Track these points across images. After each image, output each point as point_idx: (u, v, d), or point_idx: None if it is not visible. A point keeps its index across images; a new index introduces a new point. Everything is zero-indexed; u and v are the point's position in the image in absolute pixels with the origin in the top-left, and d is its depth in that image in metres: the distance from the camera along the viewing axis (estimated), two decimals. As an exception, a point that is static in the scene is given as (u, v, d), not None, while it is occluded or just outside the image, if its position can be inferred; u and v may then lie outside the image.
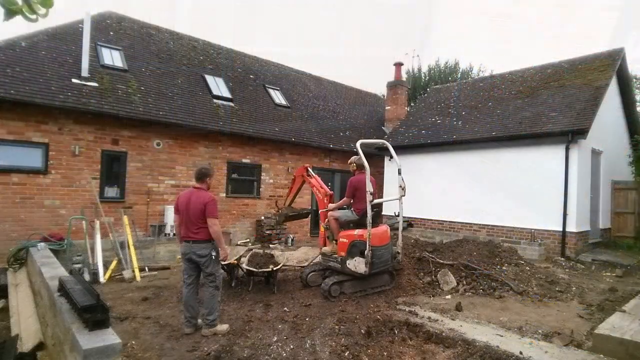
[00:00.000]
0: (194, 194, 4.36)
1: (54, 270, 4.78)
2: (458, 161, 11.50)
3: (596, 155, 10.62)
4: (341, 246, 5.68)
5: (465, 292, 6.07)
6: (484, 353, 3.82)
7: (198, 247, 4.26)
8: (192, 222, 4.26)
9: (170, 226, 9.30)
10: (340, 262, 5.68)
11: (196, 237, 4.26)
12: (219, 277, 4.46)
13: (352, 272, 5.54)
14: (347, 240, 5.62)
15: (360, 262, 5.42)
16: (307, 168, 6.64)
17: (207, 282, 4.35)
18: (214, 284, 4.34)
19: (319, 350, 3.84)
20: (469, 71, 25.40)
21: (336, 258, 5.78)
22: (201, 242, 4.26)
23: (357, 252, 5.49)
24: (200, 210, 4.22)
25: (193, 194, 4.35)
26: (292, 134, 12.40)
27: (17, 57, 8.37)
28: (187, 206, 4.30)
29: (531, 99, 11.34)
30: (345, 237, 5.67)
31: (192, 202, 4.29)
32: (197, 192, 4.36)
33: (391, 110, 17.36)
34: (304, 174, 6.64)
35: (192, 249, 4.27)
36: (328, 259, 5.99)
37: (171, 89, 10.55)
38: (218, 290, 4.40)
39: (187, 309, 4.36)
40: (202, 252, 4.25)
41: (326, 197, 6.28)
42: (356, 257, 5.48)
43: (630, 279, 7.43)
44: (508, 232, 10.26)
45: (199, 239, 4.26)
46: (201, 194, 4.33)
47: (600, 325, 4.21)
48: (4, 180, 7.64)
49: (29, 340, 3.86)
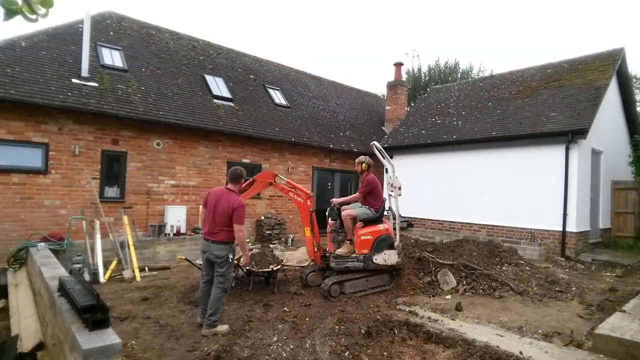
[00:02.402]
0: (225, 194, 4.38)
1: (54, 270, 4.79)
2: (458, 161, 11.51)
3: (596, 155, 10.62)
4: (363, 244, 5.71)
5: (465, 292, 6.08)
6: (484, 353, 3.82)
7: (216, 248, 4.32)
8: (216, 223, 4.31)
9: (170, 226, 9.30)
10: (363, 260, 5.69)
11: (216, 238, 4.31)
12: (229, 279, 4.49)
13: (379, 267, 5.74)
14: (371, 236, 5.73)
15: (392, 254, 5.75)
16: (274, 175, 6.03)
17: (217, 282, 4.38)
18: (222, 286, 4.36)
19: (319, 350, 3.83)
20: (469, 71, 25.41)
21: (357, 257, 5.70)
22: (220, 243, 4.31)
23: (386, 245, 5.74)
24: (227, 214, 4.25)
25: (224, 195, 4.38)
26: (292, 134, 12.41)
27: (17, 57, 8.37)
28: (215, 205, 4.34)
29: (531, 99, 11.34)
30: (368, 234, 5.73)
31: (221, 202, 4.32)
32: (228, 193, 4.40)
33: (391, 110, 17.37)
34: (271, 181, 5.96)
35: (210, 249, 4.34)
36: (344, 261, 5.71)
37: (171, 89, 10.56)
38: (225, 293, 4.44)
39: (202, 302, 4.52)
40: (220, 253, 4.31)
41: (309, 199, 5.94)
42: (385, 251, 5.74)
43: (630, 279, 7.43)
44: (508, 232, 10.26)
45: (218, 240, 4.31)
46: (232, 197, 4.36)
47: (600, 325, 4.22)
48: (4, 180, 7.64)
49: (29, 340, 3.86)
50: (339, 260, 5.74)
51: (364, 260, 5.68)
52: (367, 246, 5.69)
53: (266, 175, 6.10)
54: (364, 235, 5.74)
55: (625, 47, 11.64)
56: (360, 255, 5.70)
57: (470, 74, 25.03)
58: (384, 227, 5.87)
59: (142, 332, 4.30)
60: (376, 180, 6.13)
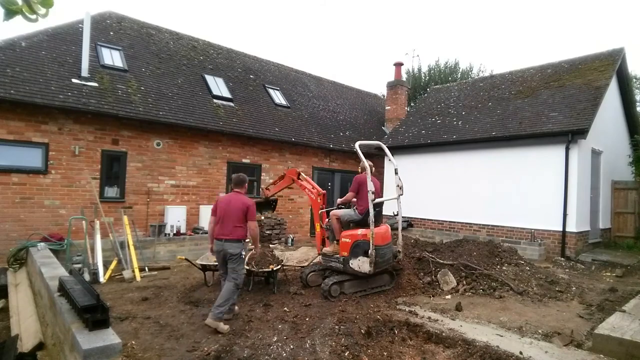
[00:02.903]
0: (235, 196, 4.77)
1: (54, 270, 4.79)
2: (458, 161, 11.51)
3: (596, 155, 10.62)
4: (344, 246, 5.66)
5: (465, 292, 6.07)
6: (484, 353, 3.82)
7: (230, 246, 4.59)
8: (230, 222, 4.61)
9: (170, 226, 9.29)
10: (342, 262, 5.66)
11: (230, 237, 4.60)
12: (241, 275, 4.76)
13: (355, 272, 5.53)
14: (350, 240, 5.61)
15: (365, 262, 5.43)
16: (298, 172, 6.69)
17: (230, 277, 4.63)
18: (234, 281, 4.59)
19: (319, 350, 3.83)
20: (469, 71, 25.39)
21: (338, 258, 5.73)
22: (233, 241, 4.60)
23: (361, 251, 5.50)
24: (242, 211, 4.63)
25: (234, 197, 4.77)
26: (292, 134, 12.41)
27: (17, 57, 8.37)
28: (226, 207, 4.67)
29: (531, 99, 11.34)
30: (348, 237, 5.65)
31: (232, 203, 4.68)
32: (237, 195, 4.80)
33: (391, 110, 17.37)
34: (294, 178, 6.70)
35: (225, 247, 4.60)
36: (329, 260, 5.93)
37: (171, 89, 10.55)
38: (237, 288, 4.65)
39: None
40: (233, 250, 4.59)
41: (319, 196, 6.25)
42: (360, 257, 5.50)
43: (630, 279, 7.43)
44: (508, 232, 10.27)
45: (233, 238, 4.60)
46: (242, 197, 4.78)
47: (600, 325, 4.22)
48: (4, 180, 7.64)
49: (29, 340, 3.86)
50: (325, 258, 6.00)
51: (343, 263, 5.65)
52: (347, 249, 5.59)
53: (292, 172, 6.80)
54: (344, 238, 5.68)
55: (625, 47, 11.65)
56: (341, 257, 5.69)
57: (470, 74, 25.02)
58: (361, 233, 5.58)
59: (142, 332, 4.30)
60: (364, 180, 5.80)
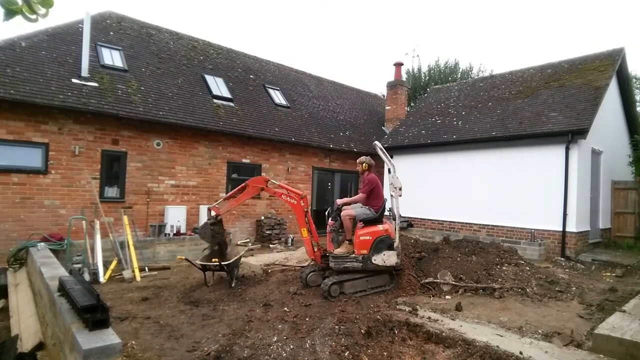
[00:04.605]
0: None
1: (54, 270, 4.79)
2: (458, 161, 11.50)
3: (596, 155, 10.62)
4: (362, 244, 5.68)
5: (465, 292, 6.07)
6: (484, 353, 3.82)
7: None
8: None
9: (170, 226, 9.29)
10: (362, 261, 5.67)
11: None
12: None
13: (378, 268, 5.69)
14: (370, 237, 5.69)
15: (391, 255, 5.69)
16: (267, 180, 6.15)
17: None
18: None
19: (319, 350, 3.83)
20: (469, 71, 25.39)
21: (356, 257, 5.70)
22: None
23: (385, 246, 5.70)
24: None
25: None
26: (292, 134, 12.41)
27: (17, 57, 8.37)
28: None
29: (531, 99, 11.34)
30: (368, 235, 5.71)
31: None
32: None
33: (391, 110, 17.37)
34: (262, 186, 6.10)
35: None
36: (343, 261, 5.73)
37: (171, 89, 10.55)
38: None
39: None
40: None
41: (302, 199, 5.93)
42: (384, 252, 5.69)
43: (630, 279, 7.43)
44: (508, 232, 10.27)
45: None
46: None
47: (600, 325, 4.21)
48: (4, 180, 7.64)
49: (29, 340, 3.86)
50: (338, 261, 5.74)
51: (362, 261, 5.67)
52: (367, 247, 5.67)
53: (258, 180, 6.15)
54: (363, 236, 5.72)
55: (625, 47, 11.65)
56: (359, 255, 5.69)
57: (470, 74, 25.02)
58: (383, 228, 5.82)
59: (142, 332, 4.29)
60: (377, 180, 6.12)
